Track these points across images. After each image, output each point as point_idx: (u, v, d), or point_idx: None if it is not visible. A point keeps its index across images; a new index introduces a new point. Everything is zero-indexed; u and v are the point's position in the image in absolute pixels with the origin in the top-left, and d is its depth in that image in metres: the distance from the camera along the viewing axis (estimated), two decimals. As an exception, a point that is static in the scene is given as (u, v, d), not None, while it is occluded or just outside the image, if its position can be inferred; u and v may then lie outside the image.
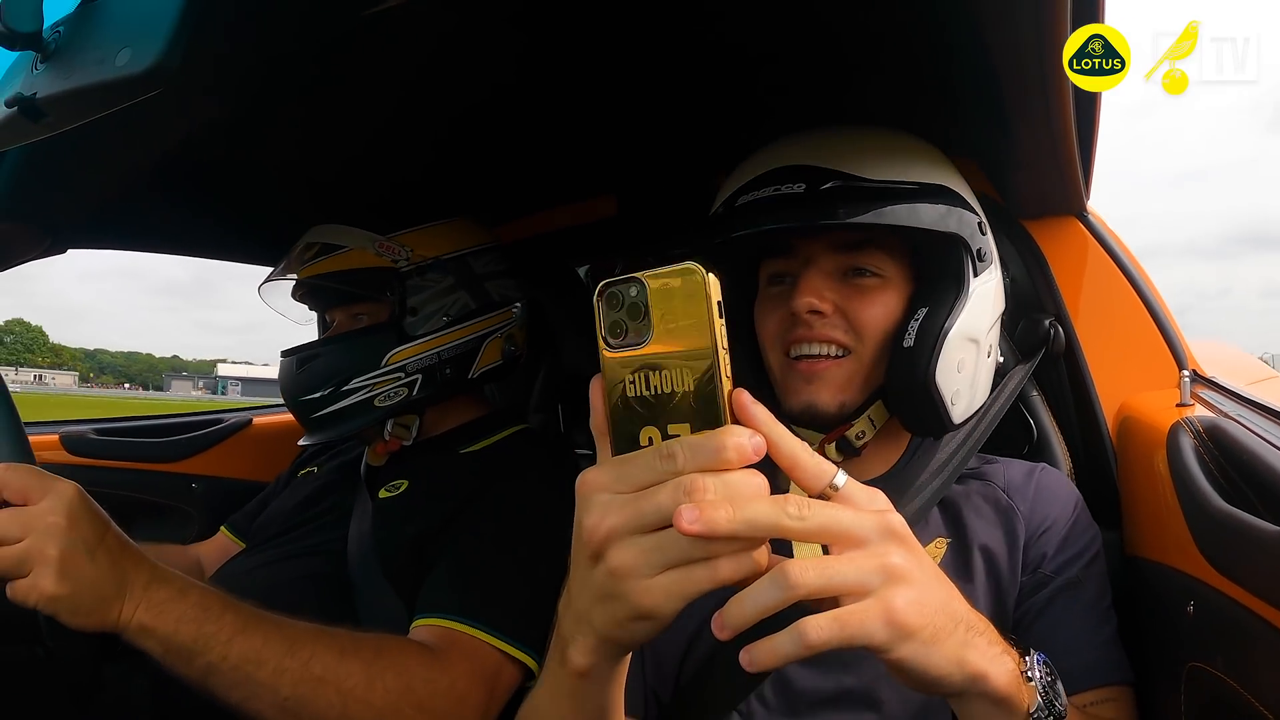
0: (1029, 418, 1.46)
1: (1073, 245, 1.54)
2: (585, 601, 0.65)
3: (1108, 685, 1.01)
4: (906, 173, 1.10)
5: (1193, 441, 1.08)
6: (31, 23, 0.81)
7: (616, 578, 0.60)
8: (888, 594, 0.61)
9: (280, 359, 1.62)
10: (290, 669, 1.11)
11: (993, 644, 0.69)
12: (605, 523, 0.61)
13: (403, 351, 1.54)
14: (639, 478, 0.60)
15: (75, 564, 1.03)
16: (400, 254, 1.57)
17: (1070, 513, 1.13)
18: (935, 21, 1.09)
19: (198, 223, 1.88)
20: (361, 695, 1.13)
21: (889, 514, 0.64)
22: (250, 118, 1.30)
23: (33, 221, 1.31)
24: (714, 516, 0.56)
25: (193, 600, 1.11)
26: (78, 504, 1.06)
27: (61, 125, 0.87)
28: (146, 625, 1.07)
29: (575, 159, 1.82)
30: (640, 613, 0.61)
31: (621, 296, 0.61)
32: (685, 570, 0.59)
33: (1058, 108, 1.11)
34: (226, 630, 1.10)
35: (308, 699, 1.11)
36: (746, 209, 1.10)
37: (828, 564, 0.60)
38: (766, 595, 0.59)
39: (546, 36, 1.24)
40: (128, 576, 1.08)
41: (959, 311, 1.08)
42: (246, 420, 2.37)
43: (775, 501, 0.59)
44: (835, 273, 1.11)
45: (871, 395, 1.11)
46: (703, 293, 0.59)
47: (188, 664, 1.09)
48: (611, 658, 0.70)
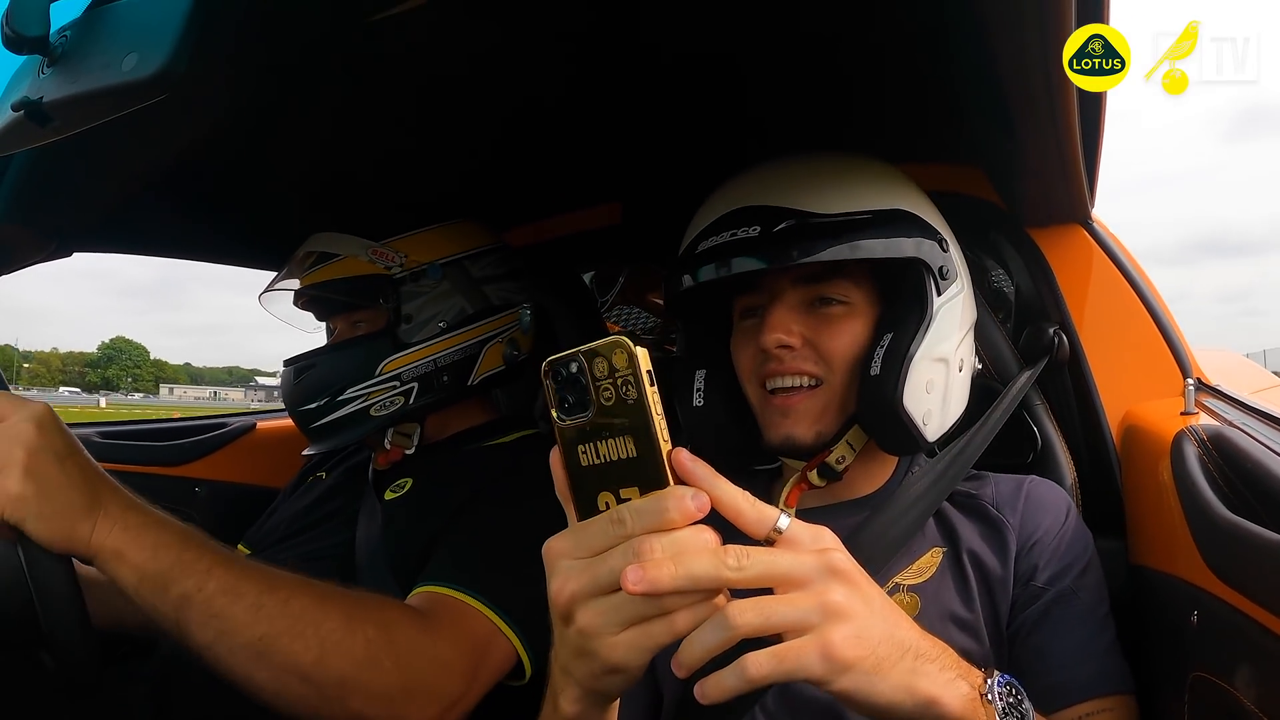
0: (1033, 426, 1.45)
1: (1078, 253, 1.54)
2: (565, 657, 0.70)
3: (1105, 695, 1.00)
4: (861, 201, 1.12)
5: (1197, 450, 1.07)
6: (38, 27, 0.81)
7: (585, 637, 0.66)
8: (825, 630, 0.65)
9: (283, 370, 1.61)
10: (268, 605, 1.07)
11: (945, 669, 0.71)
12: (568, 587, 0.66)
13: (397, 360, 1.53)
14: (594, 543, 0.65)
15: (42, 467, 1.00)
16: (394, 260, 1.55)
17: (1061, 523, 1.12)
18: (939, 29, 1.09)
19: (204, 227, 1.88)
20: (340, 641, 1.09)
21: (832, 553, 0.68)
22: (257, 123, 1.30)
23: (38, 224, 1.31)
24: (657, 576, 0.61)
25: (174, 529, 1.07)
26: (48, 417, 1.03)
27: (68, 129, 0.88)
28: (121, 548, 1.02)
29: (581, 167, 1.82)
30: (609, 667, 0.66)
31: (564, 371, 0.65)
32: (644, 626, 0.64)
33: (1063, 113, 1.11)
34: (206, 560, 1.06)
35: (283, 638, 1.06)
36: (707, 254, 1.14)
37: (765, 604, 0.65)
38: (711, 636, 0.64)
39: (557, 49, 1.24)
40: (101, 495, 1.04)
41: (923, 334, 1.10)
42: (251, 424, 2.36)
43: (715, 554, 0.63)
44: (801, 304, 1.14)
45: (847, 421, 1.14)
46: (635, 365, 0.63)
47: (162, 594, 1.03)
48: (597, 705, 0.75)
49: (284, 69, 1.10)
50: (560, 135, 1.61)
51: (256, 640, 1.05)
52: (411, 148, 1.61)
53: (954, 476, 1.16)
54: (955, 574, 1.09)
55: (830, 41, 1.21)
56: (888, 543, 1.07)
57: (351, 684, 1.09)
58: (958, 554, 1.10)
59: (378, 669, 1.10)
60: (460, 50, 1.22)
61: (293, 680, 1.07)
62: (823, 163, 1.19)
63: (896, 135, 1.40)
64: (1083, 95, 1.07)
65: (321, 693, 1.08)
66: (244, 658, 1.05)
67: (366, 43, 1.12)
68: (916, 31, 1.14)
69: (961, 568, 1.09)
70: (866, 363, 1.11)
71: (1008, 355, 1.47)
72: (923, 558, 1.11)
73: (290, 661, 1.06)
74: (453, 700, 1.16)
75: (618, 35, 1.21)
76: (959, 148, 1.49)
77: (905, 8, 1.09)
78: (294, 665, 1.06)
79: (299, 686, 1.07)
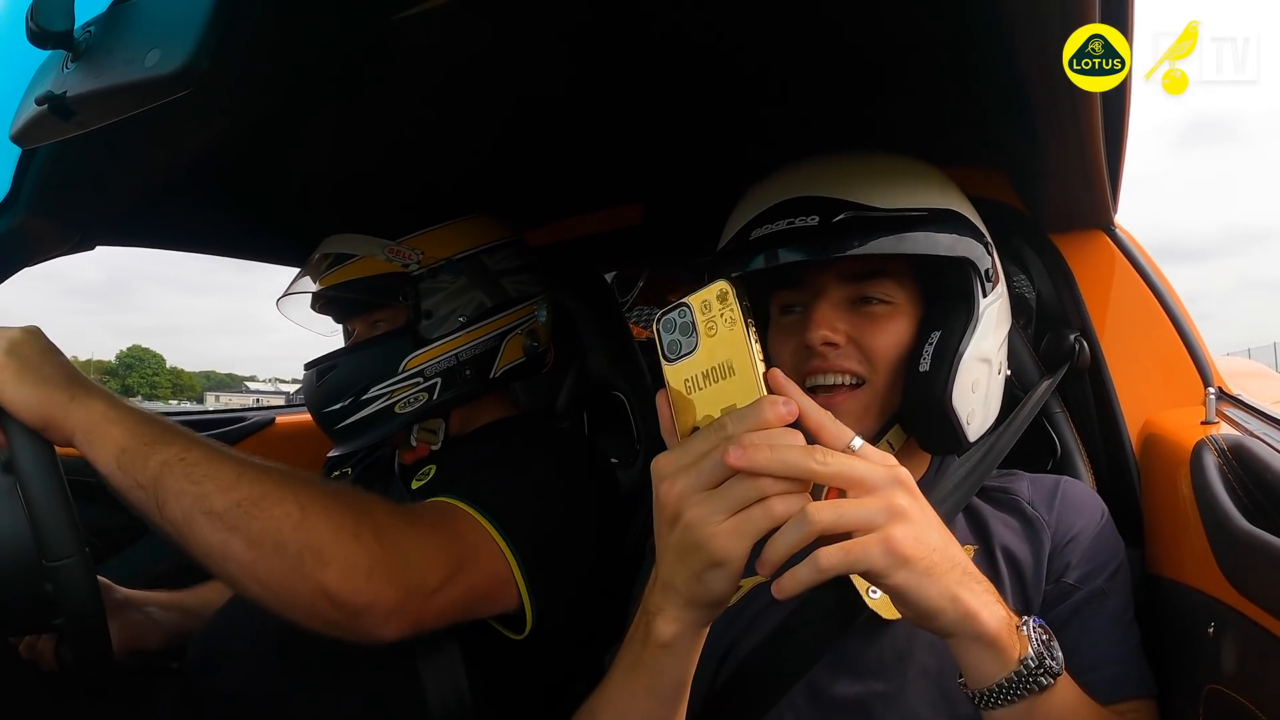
0: (1052, 433, 1.45)
1: (1099, 260, 1.53)
2: (668, 565, 0.79)
3: (1134, 698, 1.01)
4: (916, 199, 1.12)
5: (1216, 460, 1.06)
6: (63, 22, 0.81)
7: (690, 529, 0.74)
8: (890, 528, 0.72)
9: (305, 374, 1.61)
10: (250, 472, 1.07)
11: (987, 592, 0.78)
12: (676, 487, 0.75)
13: (419, 356, 1.53)
14: (700, 448, 0.74)
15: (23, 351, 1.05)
16: (411, 257, 1.55)
17: (1096, 524, 1.12)
18: (962, 31, 1.08)
19: (227, 223, 1.89)
20: (322, 508, 1.07)
21: (898, 468, 0.76)
22: (279, 119, 1.31)
23: (61, 217, 1.32)
24: (755, 456, 0.70)
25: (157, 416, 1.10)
26: (34, 329, 1.09)
27: (91, 124, 0.88)
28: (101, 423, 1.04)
29: (603, 168, 1.82)
30: (714, 558, 0.73)
31: (674, 320, 0.78)
32: (745, 513, 0.72)
33: (1085, 115, 1.10)
34: (190, 435, 1.08)
35: (264, 500, 1.05)
36: (761, 241, 1.12)
37: (840, 504, 0.72)
38: (793, 532, 0.71)
39: (577, 50, 1.24)
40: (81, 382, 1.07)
41: (971, 333, 1.10)
42: (269, 419, 2.37)
43: (805, 449, 0.71)
44: (845, 302, 1.13)
45: (889, 420, 1.14)
46: (734, 301, 0.74)
47: (141, 466, 1.03)
48: (695, 624, 0.82)
49: (306, 67, 1.11)
50: (581, 136, 1.61)
51: (235, 505, 1.04)
52: (433, 149, 1.62)
53: (981, 474, 1.16)
54: (988, 570, 1.08)
55: (851, 45, 1.21)
56: None
57: (329, 553, 1.06)
58: (991, 550, 1.10)
59: (357, 540, 1.08)
60: (481, 50, 1.22)
61: (268, 549, 1.04)
62: (875, 160, 1.18)
63: (919, 137, 1.38)
64: (1106, 97, 1.06)
65: (297, 564, 1.05)
66: (220, 525, 1.04)
67: (390, 42, 1.13)
68: (938, 32, 1.13)
69: (995, 563, 1.09)
70: (911, 362, 1.10)
71: (1028, 362, 1.46)
72: None
73: (269, 526, 1.04)
74: (427, 589, 1.13)
75: (638, 33, 1.21)
76: (981, 151, 1.48)
77: (926, 8, 1.09)
78: (273, 531, 1.05)
79: (273, 557, 1.05)
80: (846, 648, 1.04)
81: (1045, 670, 0.77)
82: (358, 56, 1.14)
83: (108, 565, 1.71)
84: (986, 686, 0.78)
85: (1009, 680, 0.77)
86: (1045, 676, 0.77)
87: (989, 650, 0.76)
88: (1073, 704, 0.83)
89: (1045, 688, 0.77)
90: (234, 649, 1.26)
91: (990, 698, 0.78)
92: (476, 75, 1.29)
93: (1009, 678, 0.77)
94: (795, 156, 1.22)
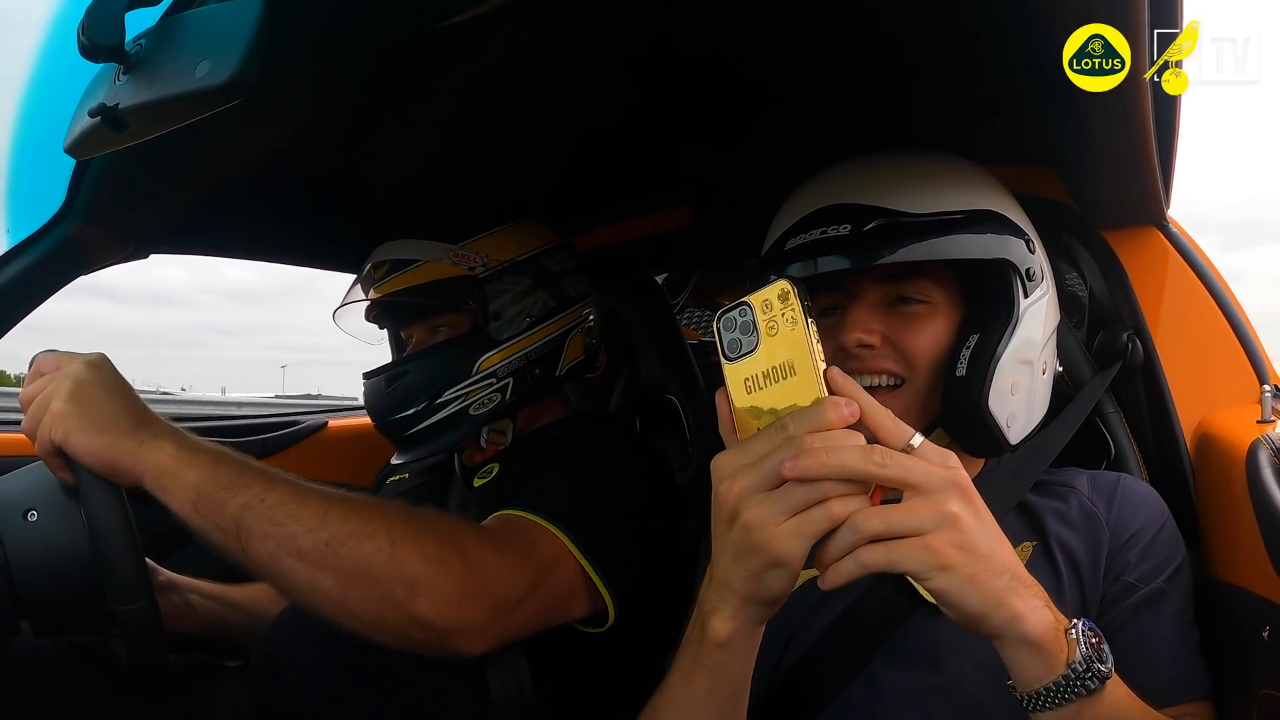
0: (1106, 434, 1.43)
1: (1153, 256, 1.50)
2: (725, 564, 0.79)
3: (1196, 700, 0.99)
4: (952, 201, 1.11)
5: (1273, 459, 1.04)
6: (113, 36, 0.83)
7: (749, 530, 0.75)
8: (935, 534, 0.73)
9: (363, 380, 1.62)
10: (334, 509, 1.07)
11: (1036, 597, 0.77)
12: (736, 487, 0.76)
13: (492, 357, 1.54)
14: (760, 449, 0.75)
15: (88, 392, 1.05)
16: (476, 261, 1.57)
17: (1157, 522, 1.10)
18: (1002, 23, 1.07)
19: (279, 230, 1.92)
20: (412, 540, 1.09)
21: (956, 470, 0.76)
22: (327, 126, 1.32)
23: (116, 227, 1.34)
24: (812, 463, 0.71)
25: (230, 452, 1.09)
26: (100, 359, 1.09)
27: (143, 135, 0.90)
28: (174, 466, 1.04)
29: (651, 171, 1.83)
30: (773, 558, 0.75)
31: (735, 319, 0.78)
32: (804, 514, 0.73)
33: (1135, 108, 1.08)
34: (268, 474, 1.08)
35: (352, 538, 1.06)
36: (796, 251, 1.13)
37: (889, 512, 0.73)
38: (845, 538, 0.73)
39: (629, 63, 1.25)
40: (149, 421, 1.07)
41: (1010, 336, 1.09)
42: (322, 423, 2.40)
43: (864, 451, 0.72)
44: (881, 303, 1.13)
45: (931, 424, 1.13)
46: (795, 300, 0.75)
47: (220, 510, 1.04)
48: (751, 622, 0.83)
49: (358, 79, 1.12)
50: (631, 141, 1.62)
51: (323, 544, 1.05)
52: (483, 153, 1.63)
53: (1033, 473, 1.16)
54: (1046, 567, 1.08)
55: (893, 41, 1.19)
56: None
57: (420, 583, 1.08)
58: (1048, 546, 1.10)
59: (447, 566, 1.10)
60: (537, 63, 1.24)
61: (359, 584, 1.06)
62: (910, 161, 1.18)
63: (966, 135, 1.37)
64: (1156, 89, 1.04)
65: (388, 596, 1.07)
66: (309, 563, 1.05)
67: (441, 54, 1.14)
68: (982, 27, 1.12)
69: (1052, 559, 1.08)
70: (950, 364, 1.10)
71: (1081, 361, 1.44)
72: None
73: (360, 562, 1.06)
74: (510, 602, 1.16)
75: (686, 43, 1.21)
76: (1030, 147, 1.46)
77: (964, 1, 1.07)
78: (364, 565, 1.06)
79: (364, 591, 1.07)
80: (904, 639, 1.04)
81: (1094, 674, 0.76)
82: (399, 64, 1.15)
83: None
84: (1034, 689, 0.77)
85: (1056, 684, 0.76)
86: (1093, 680, 0.76)
87: (1036, 654, 0.76)
88: (1122, 706, 0.82)
89: (1093, 691, 0.76)
90: (298, 651, 1.27)
91: (1038, 700, 0.77)
92: (534, 91, 1.31)
93: (1056, 681, 0.76)
94: (839, 156, 1.21)
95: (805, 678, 1.08)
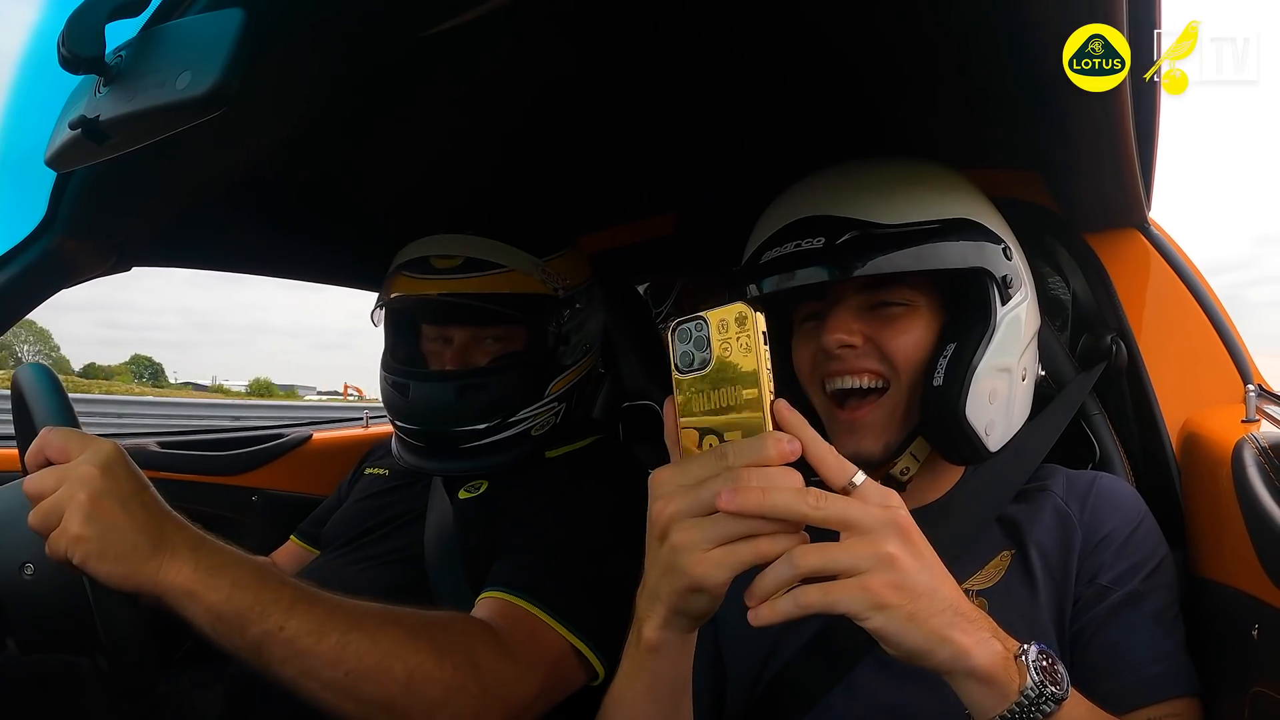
0: (1090, 435, 1.43)
1: (1135, 258, 1.51)
2: (655, 577, 0.80)
3: (1173, 699, 0.99)
4: (926, 210, 1.12)
5: (1258, 458, 1.05)
6: (94, 47, 0.82)
7: (676, 552, 0.76)
8: (872, 575, 0.73)
9: (419, 382, 1.52)
10: (355, 641, 1.06)
11: (982, 630, 0.77)
12: (669, 508, 0.77)
13: (561, 381, 1.54)
14: (698, 473, 0.76)
15: (105, 509, 0.99)
16: (560, 281, 1.55)
17: (1131, 522, 1.10)
18: (991, 27, 1.07)
19: (267, 240, 1.91)
20: (430, 671, 1.09)
21: (896, 510, 0.76)
22: (315, 134, 1.32)
23: (97, 239, 1.33)
24: (746, 500, 0.72)
25: (249, 567, 1.06)
26: (114, 457, 1.03)
27: (124, 147, 0.89)
28: (193, 588, 1.01)
29: (637, 179, 1.83)
30: (694, 583, 0.76)
31: (689, 332, 0.78)
32: (731, 546, 0.74)
33: (1116, 112, 1.09)
34: (286, 599, 1.05)
35: (372, 673, 1.06)
36: (771, 265, 1.14)
37: (826, 550, 0.74)
38: (780, 572, 0.74)
39: (623, 66, 1.26)
40: (168, 535, 1.03)
41: (987, 344, 1.10)
42: (307, 435, 2.40)
43: (799, 492, 0.73)
44: (862, 306, 1.14)
45: (912, 432, 1.14)
46: (753, 326, 0.75)
47: (239, 634, 1.02)
48: (680, 630, 0.84)
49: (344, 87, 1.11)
50: (618, 148, 1.62)
51: (342, 676, 1.05)
52: (467, 162, 1.62)
53: (1015, 478, 1.16)
54: (1023, 574, 1.09)
55: (880, 43, 1.20)
56: (953, 550, 1.06)
57: (439, 711, 1.09)
58: (1025, 553, 1.10)
59: (464, 694, 1.11)
60: (531, 69, 1.24)
61: (379, 710, 1.07)
62: (886, 169, 1.18)
63: (948, 139, 1.37)
64: (1136, 93, 1.05)
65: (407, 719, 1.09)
66: (330, 693, 1.06)
67: (427, 63, 1.14)
68: (966, 30, 1.12)
69: (1029, 566, 1.09)
70: (930, 371, 1.10)
71: (1065, 364, 1.44)
72: (991, 562, 1.11)
73: (378, 695, 1.07)
74: (521, 710, 1.18)
75: (680, 47, 1.21)
76: (1013, 151, 1.47)
77: (956, 6, 1.08)
78: (382, 696, 1.07)
79: (383, 715, 1.08)
80: (885, 649, 1.04)
81: (1047, 698, 0.76)
82: (388, 72, 1.15)
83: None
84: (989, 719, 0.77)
85: (1010, 713, 0.76)
86: (1048, 703, 0.76)
87: (986, 686, 0.76)
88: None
89: (1049, 714, 0.76)
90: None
91: None
92: (513, 89, 1.30)
93: (1010, 710, 0.76)
94: (822, 162, 1.22)
95: (787, 687, 1.09)
